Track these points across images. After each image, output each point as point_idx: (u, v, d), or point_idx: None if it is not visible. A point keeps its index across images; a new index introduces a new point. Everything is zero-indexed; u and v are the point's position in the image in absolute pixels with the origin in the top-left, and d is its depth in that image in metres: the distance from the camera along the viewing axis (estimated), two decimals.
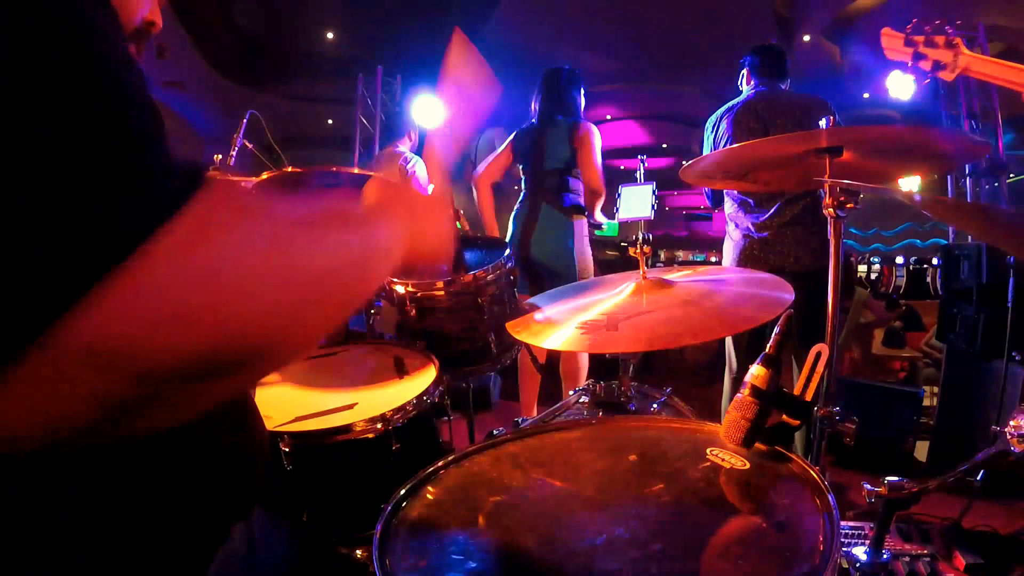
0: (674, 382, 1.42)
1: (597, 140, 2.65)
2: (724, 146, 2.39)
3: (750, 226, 2.34)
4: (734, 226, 2.43)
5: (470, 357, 1.45)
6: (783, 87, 2.43)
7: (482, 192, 2.80)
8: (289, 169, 1.34)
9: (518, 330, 1.13)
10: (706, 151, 2.52)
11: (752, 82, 2.46)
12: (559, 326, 1.09)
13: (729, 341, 2.45)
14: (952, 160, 1.16)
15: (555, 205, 2.63)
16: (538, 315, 1.19)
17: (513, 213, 2.74)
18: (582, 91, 2.76)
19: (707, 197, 2.67)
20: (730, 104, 2.44)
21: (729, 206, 2.46)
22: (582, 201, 2.69)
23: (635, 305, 1.09)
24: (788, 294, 1.02)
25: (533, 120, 2.75)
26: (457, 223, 1.43)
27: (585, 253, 2.66)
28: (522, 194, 2.75)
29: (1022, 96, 1.39)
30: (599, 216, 2.75)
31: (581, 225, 2.68)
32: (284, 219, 0.40)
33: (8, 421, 0.31)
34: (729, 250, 2.45)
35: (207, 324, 0.33)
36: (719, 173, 1.38)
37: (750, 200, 2.35)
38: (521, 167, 2.77)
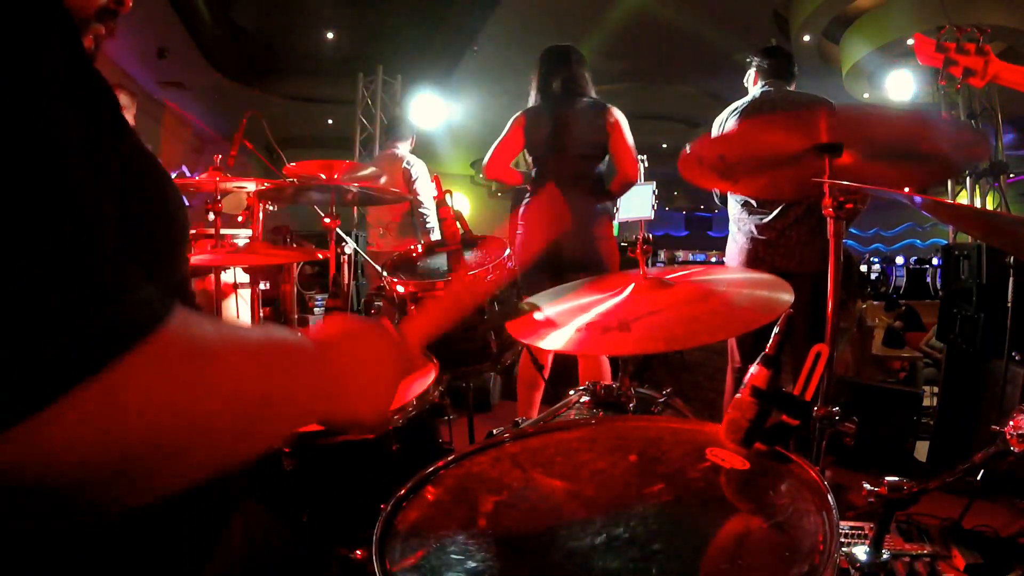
0: (674, 382, 1.42)
1: (627, 124, 2.46)
2: None
3: (753, 228, 2.36)
4: (737, 228, 2.45)
5: (470, 357, 1.45)
6: (789, 89, 2.45)
7: (504, 175, 2.57)
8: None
9: (522, 333, 1.11)
10: None
11: (759, 83, 2.47)
12: (562, 327, 1.08)
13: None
14: (952, 162, 1.16)
15: (583, 194, 2.43)
16: (539, 315, 1.18)
17: (527, 206, 2.51)
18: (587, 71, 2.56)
19: (715, 196, 2.67)
20: (736, 105, 2.46)
21: (733, 207, 2.47)
22: (605, 188, 2.52)
23: (639, 305, 1.08)
24: (789, 293, 1.02)
25: (541, 101, 2.52)
26: (457, 224, 1.43)
27: (613, 246, 2.49)
28: (536, 183, 2.52)
29: None
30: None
31: (610, 215, 2.51)
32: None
33: None
34: (733, 252, 2.46)
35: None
36: (720, 165, 1.37)
37: (753, 201, 2.36)
38: (534, 154, 2.52)
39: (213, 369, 0.39)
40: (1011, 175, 7.03)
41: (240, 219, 2.91)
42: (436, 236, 3.51)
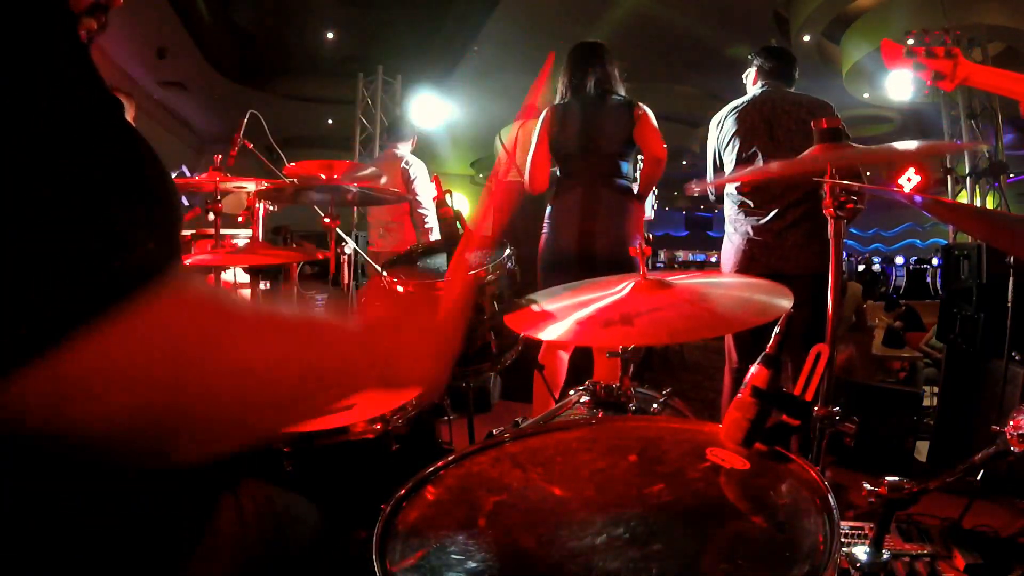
0: (674, 382, 1.42)
1: (654, 117, 2.42)
2: (728, 143, 2.41)
3: (749, 229, 2.34)
4: (733, 228, 2.43)
5: (470, 357, 1.45)
6: (788, 90, 2.44)
7: (546, 187, 2.52)
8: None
9: (522, 325, 1.11)
10: (709, 149, 2.53)
11: (758, 82, 2.47)
12: (562, 320, 1.07)
13: (729, 335, 2.44)
14: (952, 151, 1.17)
15: (614, 191, 2.38)
16: (536, 308, 1.17)
17: (555, 205, 2.46)
18: (616, 68, 2.52)
19: (710, 194, 2.66)
20: (735, 104, 2.45)
21: (729, 207, 2.46)
22: (635, 187, 2.47)
23: (640, 303, 1.08)
24: (788, 298, 1.02)
25: (567, 98, 2.48)
26: (457, 224, 1.43)
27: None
28: (565, 182, 2.48)
29: (1020, 105, 1.40)
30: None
31: (640, 211, 2.48)
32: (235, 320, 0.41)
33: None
34: (728, 252, 2.44)
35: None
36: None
37: (750, 202, 2.35)
38: (561, 152, 2.47)
39: (239, 328, 0.40)
40: (1011, 175, 7.02)
41: (240, 219, 2.91)
42: (435, 236, 3.51)
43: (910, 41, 1.57)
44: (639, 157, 2.51)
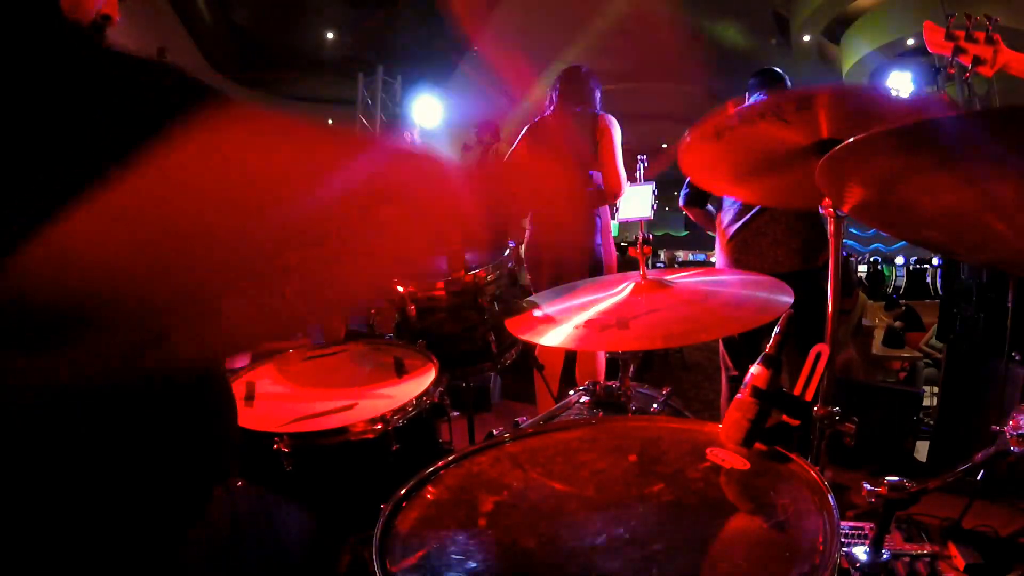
0: (674, 382, 1.42)
1: (618, 134, 2.51)
2: None
3: (730, 230, 2.33)
4: (719, 231, 2.44)
5: (470, 357, 1.45)
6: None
7: None
8: None
9: (521, 330, 1.12)
10: None
11: (750, 99, 2.48)
12: (561, 325, 1.08)
13: (720, 343, 2.45)
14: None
15: (581, 201, 2.55)
16: (538, 313, 1.18)
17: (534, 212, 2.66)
18: (599, 89, 2.68)
19: (683, 195, 2.63)
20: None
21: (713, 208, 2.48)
22: (602, 196, 2.56)
23: (639, 304, 1.08)
24: (788, 295, 1.02)
25: (548, 112, 2.65)
26: None
27: (611, 250, 2.56)
28: None
29: None
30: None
31: (606, 220, 2.58)
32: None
33: None
34: (718, 256, 2.46)
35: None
36: (721, 165, 1.34)
37: (727, 199, 2.35)
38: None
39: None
40: None
41: None
42: None
43: (952, 24, 1.56)
44: None
